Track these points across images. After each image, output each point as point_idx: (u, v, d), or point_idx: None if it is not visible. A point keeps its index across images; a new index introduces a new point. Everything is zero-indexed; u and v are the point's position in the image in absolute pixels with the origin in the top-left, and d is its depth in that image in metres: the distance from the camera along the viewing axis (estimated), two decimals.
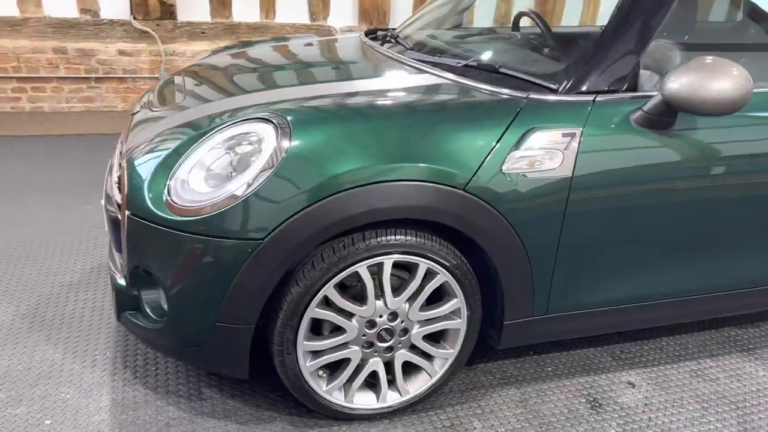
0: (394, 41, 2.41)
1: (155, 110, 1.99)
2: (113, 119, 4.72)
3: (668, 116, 1.74)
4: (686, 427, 1.89)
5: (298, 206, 1.52)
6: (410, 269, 1.70)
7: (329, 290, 1.62)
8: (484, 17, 5.55)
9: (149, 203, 1.62)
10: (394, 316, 1.73)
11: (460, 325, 1.80)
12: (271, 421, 1.82)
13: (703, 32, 2.84)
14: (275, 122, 1.60)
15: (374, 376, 1.80)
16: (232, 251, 1.54)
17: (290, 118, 1.60)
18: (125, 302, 1.77)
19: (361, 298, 1.69)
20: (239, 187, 1.53)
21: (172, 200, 1.59)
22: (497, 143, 1.64)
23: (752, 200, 1.90)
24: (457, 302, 1.76)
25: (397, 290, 1.71)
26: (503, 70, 1.88)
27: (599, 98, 1.75)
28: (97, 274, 2.53)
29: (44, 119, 4.68)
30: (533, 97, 1.74)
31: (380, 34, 2.59)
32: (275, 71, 2.21)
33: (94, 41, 4.81)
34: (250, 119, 1.65)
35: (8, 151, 3.97)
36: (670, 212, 1.83)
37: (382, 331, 1.73)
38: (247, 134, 1.62)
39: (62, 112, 4.86)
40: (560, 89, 1.76)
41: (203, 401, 1.87)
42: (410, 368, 1.85)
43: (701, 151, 1.80)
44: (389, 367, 1.81)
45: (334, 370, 1.78)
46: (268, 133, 1.59)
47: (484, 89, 1.80)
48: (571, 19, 5.71)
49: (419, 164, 1.58)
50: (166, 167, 1.65)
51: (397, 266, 1.69)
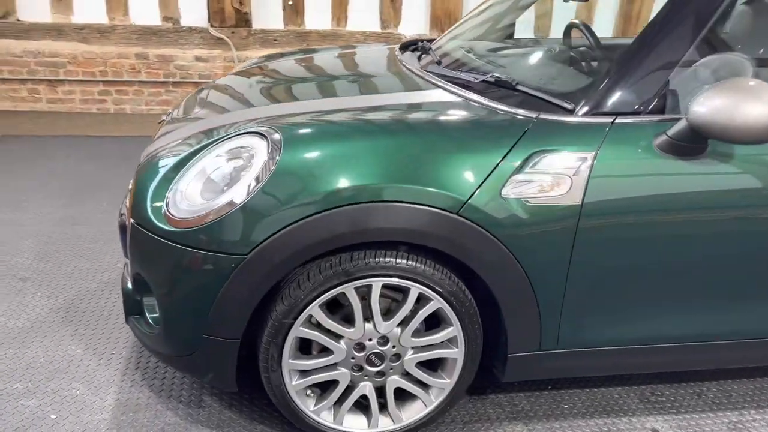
0: (426, 54, 2.35)
1: (175, 121, 2.04)
2: None
3: (695, 142, 1.57)
4: None
5: (282, 223, 1.50)
6: (405, 293, 1.64)
7: (314, 310, 1.59)
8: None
9: (149, 212, 1.65)
10: (385, 340, 1.67)
11: (457, 354, 1.71)
12: None
13: None
14: (268, 137, 1.59)
15: (367, 399, 1.75)
16: (217, 265, 1.54)
17: (283, 133, 1.58)
18: (131, 306, 1.82)
19: (351, 319, 1.64)
20: (228, 200, 1.54)
21: (169, 211, 1.61)
22: (497, 166, 1.55)
23: None
24: (453, 330, 1.68)
25: (389, 314, 1.65)
26: (521, 87, 1.77)
27: (619, 120, 1.62)
28: None
29: (125, 121, 4.97)
30: (544, 117, 1.63)
31: (419, 45, 2.53)
32: (288, 85, 2.19)
33: (173, 47, 5.05)
34: (245, 133, 1.65)
35: (87, 150, 4.23)
36: (696, 247, 1.66)
37: (371, 355, 1.68)
38: (242, 148, 1.62)
39: (142, 114, 5.14)
40: (577, 109, 1.64)
41: (201, 409, 1.89)
42: (405, 395, 1.78)
43: (733, 182, 1.62)
44: (382, 391, 1.75)
45: (324, 390, 1.75)
46: (260, 147, 1.58)
47: (493, 108, 1.70)
48: None
49: (409, 185, 1.51)
50: (167, 179, 1.68)
51: (393, 288, 1.64)
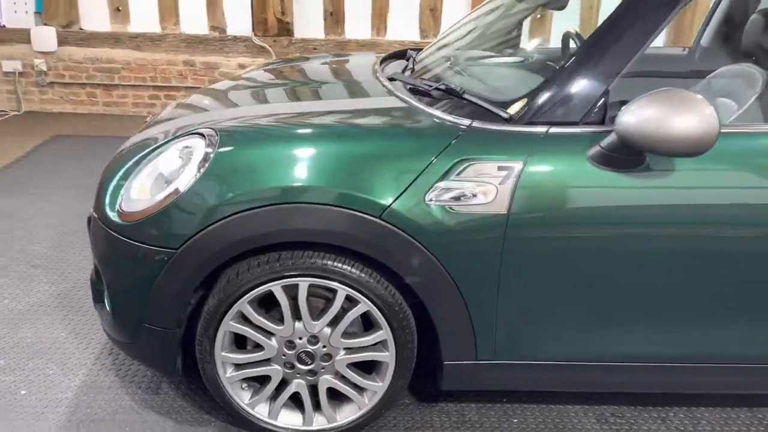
0: (411, 62, 2.37)
1: (155, 123, 2.16)
2: None
3: (630, 154, 1.53)
4: None
5: (210, 219, 1.57)
6: (334, 294, 1.67)
7: (243, 306, 1.65)
8: None
9: (106, 206, 1.76)
10: (315, 339, 1.71)
11: (388, 358, 1.73)
12: (205, 424, 1.88)
13: None
14: (206, 137, 1.67)
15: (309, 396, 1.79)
16: (152, 257, 1.63)
17: (219, 134, 1.66)
18: (95, 294, 1.94)
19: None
20: (163, 197, 1.63)
21: (121, 206, 1.72)
22: (422, 172, 1.56)
23: (730, 259, 1.59)
24: (382, 333, 1.69)
25: (322, 314, 1.68)
26: (467, 95, 1.77)
27: (553, 130, 1.59)
28: None
29: None
30: (476, 125, 1.62)
31: (407, 54, 2.56)
32: (255, 91, 2.24)
33: (218, 55, 5.29)
34: (192, 133, 1.74)
35: None
36: (633, 264, 1.60)
37: (302, 353, 1.72)
38: (186, 147, 1.71)
39: None
40: (513, 118, 1.63)
41: (156, 395, 1.99)
42: (343, 395, 1.80)
43: (672, 197, 1.55)
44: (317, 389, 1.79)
45: (262, 385, 1.80)
46: (198, 147, 1.67)
47: (432, 115, 1.71)
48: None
49: (333, 188, 1.55)
50: (125, 175, 1.79)
51: (328, 289, 1.67)
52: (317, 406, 1.80)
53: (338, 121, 1.73)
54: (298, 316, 1.68)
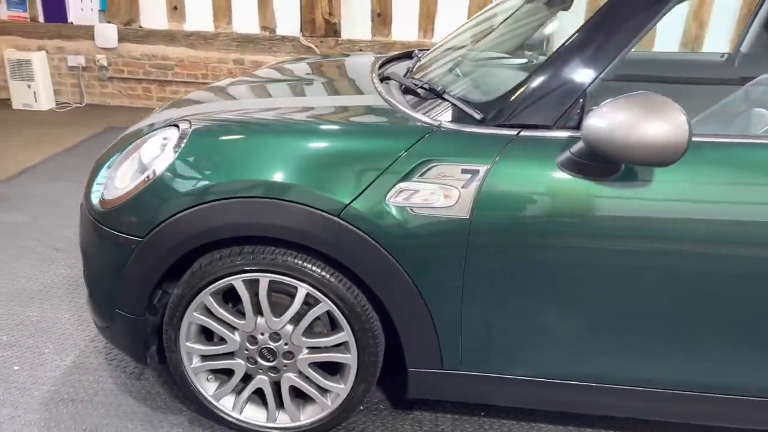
0: (414, 62, 2.33)
1: (153, 113, 2.21)
2: None
3: (601, 161, 1.43)
4: None
5: (172, 211, 1.59)
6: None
7: (205, 298, 1.66)
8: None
9: (92, 194, 1.82)
10: (278, 336, 1.69)
11: (350, 360, 1.69)
12: (177, 412, 1.91)
13: None
14: (181, 129, 1.69)
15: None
16: (120, 245, 1.67)
17: (192, 126, 1.68)
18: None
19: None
20: (134, 185, 1.66)
21: (103, 194, 1.77)
22: (384, 172, 1.52)
23: (705, 276, 1.46)
24: (344, 335, 1.66)
25: (285, 311, 1.67)
26: (446, 96, 1.71)
27: (524, 133, 1.52)
28: None
29: None
30: (445, 126, 1.57)
31: (415, 54, 2.52)
32: (253, 85, 2.24)
33: (266, 54, 5.40)
34: (171, 125, 1.76)
35: None
36: (606, 277, 1.50)
37: (263, 349, 1.71)
38: (164, 138, 1.74)
39: None
40: (485, 119, 1.56)
41: (137, 381, 2.03)
42: (307, 395, 1.78)
43: (646, 209, 1.44)
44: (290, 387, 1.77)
45: (228, 378, 1.81)
46: (172, 138, 1.69)
47: (406, 114, 1.66)
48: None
49: (292, 183, 1.53)
50: (111, 164, 1.84)
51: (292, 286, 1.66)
52: (283, 403, 1.79)
53: (308, 117, 1.71)
54: (262, 311, 1.67)
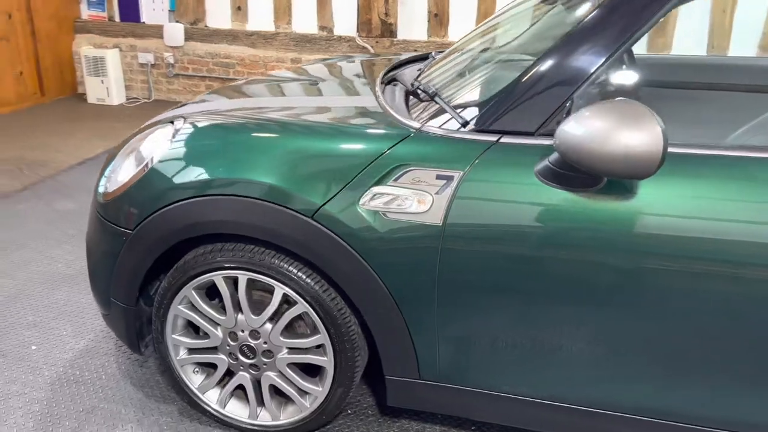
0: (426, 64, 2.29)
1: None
2: None
3: (577, 171, 1.35)
4: None
5: (156, 206, 1.63)
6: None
7: (188, 292, 1.69)
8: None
9: (99, 186, 1.90)
10: (257, 334, 1.70)
11: (326, 363, 1.68)
12: (169, 401, 1.96)
13: None
14: (174, 126, 1.73)
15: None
16: (114, 236, 1.73)
17: (184, 123, 1.72)
18: None
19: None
20: (128, 179, 1.72)
21: (107, 186, 1.85)
22: (359, 174, 1.50)
23: (686, 293, 1.34)
24: (321, 337, 1.65)
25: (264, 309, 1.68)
26: (437, 99, 1.67)
27: (504, 140, 1.45)
28: None
29: None
30: (425, 130, 1.53)
31: (431, 56, 2.47)
32: (265, 85, 2.26)
33: (323, 54, 5.46)
34: (168, 121, 1.81)
35: None
36: (584, 292, 1.41)
37: (244, 346, 1.72)
38: (162, 134, 1.79)
39: None
40: (467, 124, 1.51)
41: (140, 368, 2.10)
42: (287, 396, 1.79)
43: (628, 223, 1.34)
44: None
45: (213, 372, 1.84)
46: (166, 133, 1.73)
47: (391, 117, 1.63)
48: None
49: (266, 182, 1.53)
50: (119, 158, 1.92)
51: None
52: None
53: (287, 116, 1.71)
54: (238, 308, 1.70)
